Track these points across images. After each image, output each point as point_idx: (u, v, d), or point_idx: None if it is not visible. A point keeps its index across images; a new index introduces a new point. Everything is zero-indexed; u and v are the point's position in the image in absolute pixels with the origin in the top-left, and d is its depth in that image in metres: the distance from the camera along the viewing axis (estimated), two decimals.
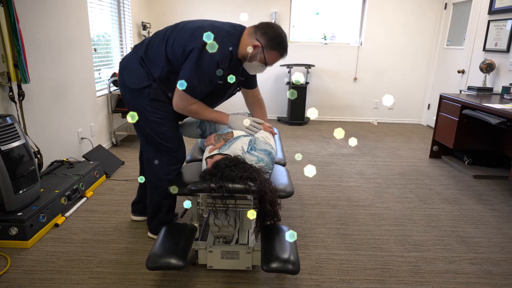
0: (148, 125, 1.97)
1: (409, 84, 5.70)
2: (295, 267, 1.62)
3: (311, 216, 2.62)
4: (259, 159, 1.85)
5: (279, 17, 5.39)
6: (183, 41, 1.83)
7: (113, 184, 3.10)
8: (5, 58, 2.37)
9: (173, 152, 2.04)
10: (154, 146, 2.02)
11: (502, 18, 3.96)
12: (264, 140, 1.95)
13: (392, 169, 3.64)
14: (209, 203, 1.72)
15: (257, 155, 1.86)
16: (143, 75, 1.91)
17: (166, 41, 1.89)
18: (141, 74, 1.91)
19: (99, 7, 3.91)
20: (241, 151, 1.86)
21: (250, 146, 1.89)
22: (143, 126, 1.99)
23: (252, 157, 1.85)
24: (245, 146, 1.88)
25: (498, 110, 2.98)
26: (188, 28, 1.88)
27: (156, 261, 1.63)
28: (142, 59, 1.93)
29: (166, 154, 2.03)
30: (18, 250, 2.11)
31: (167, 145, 2.01)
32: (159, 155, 2.03)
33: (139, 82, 1.91)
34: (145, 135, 2.01)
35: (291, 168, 3.58)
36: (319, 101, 5.79)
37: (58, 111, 3.09)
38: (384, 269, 2.04)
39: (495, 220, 2.64)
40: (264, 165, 1.85)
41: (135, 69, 1.93)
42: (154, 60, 1.90)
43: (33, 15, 2.70)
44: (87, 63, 3.58)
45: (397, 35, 5.48)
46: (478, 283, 1.94)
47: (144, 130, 2.00)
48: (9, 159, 2.11)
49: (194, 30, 1.85)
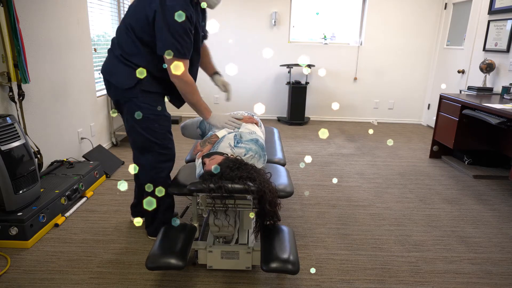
0: (141, 123, 1.98)
1: (409, 84, 5.70)
2: (294, 267, 1.62)
3: (311, 216, 2.62)
4: (247, 149, 1.89)
5: (279, 17, 5.39)
6: (142, 13, 1.82)
7: (113, 184, 3.10)
8: (5, 58, 2.37)
9: (163, 149, 2.05)
10: (145, 146, 2.03)
11: (502, 18, 3.96)
12: (248, 131, 1.99)
13: (392, 169, 3.64)
14: (209, 203, 1.72)
15: (244, 146, 1.90)
16: (131, 72, 1.92)
17: (130, 28, 1.88)
18: (129, 72, 1.92)
19: (99, 7, 3.91)
20: (230, 147, 1.89)
21: (236, 140, 1.93)
22: (135, 126, 2.00)
23: (240, 150, 1.88)
24: (231, 142, 1.92)
25: (498, 110, 2.98)
26: (139, 1, 1.87)
27: (156, 261, 1.63)
28: (121, 56, 1.93)
29: (155, 153, 2.04)
30: (18, 250, 2.11)
31: (157, 142, 2.02)
32: (148, 155, 2.04)
33: (130, 80, 1.92)
34: (136, 136, 2.02)
35: (291, 168, 3.58)
36: (319, 101, 5.79)
37: (58, 111, 3.09)
38: (384, 269, 2.04)
39: (495, 220, 2.64)
40: (254, 153, 1.88)
41: (121, 71, 1.93)
42: (132, 52, 1.90)
43: (33, 15, 2.70)
44: (87, 63, 3.58)
45: (397, 35, 5.48)
46: (478, 283, 1.94)
47: (136, 130, 2.00)
48: (9, 159, 2.11)
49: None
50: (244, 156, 1.86)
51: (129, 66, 1.92)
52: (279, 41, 5.51)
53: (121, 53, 1.93)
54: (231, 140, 1.93)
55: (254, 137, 1.95)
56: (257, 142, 1.93)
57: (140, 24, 1.85)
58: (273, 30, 5.45)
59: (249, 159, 1.87)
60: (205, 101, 5.40)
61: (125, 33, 1.91)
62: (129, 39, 1.90)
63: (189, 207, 2.66)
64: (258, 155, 1.90)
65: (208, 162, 1.80)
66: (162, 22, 1.77)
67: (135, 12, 1.87)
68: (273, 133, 3.00)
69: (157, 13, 1.77)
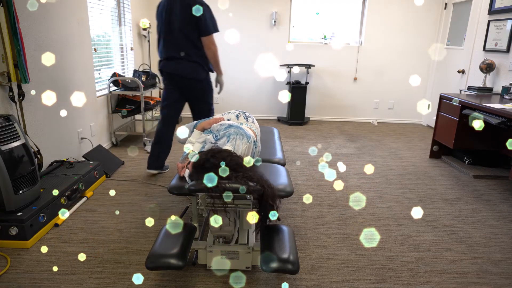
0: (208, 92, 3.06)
1: (409, 84, 5.70)
2: (294, 267, 1.62)
3: (311, 216, 2.62)
4: (227, 135, 2.01)
5: (279, 17, 5.39)
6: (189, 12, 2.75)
7: (113, 184, 3.10)
8: (5, 58, 2.37)
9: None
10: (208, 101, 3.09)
11: (502, 18, 3.96)
12: (219, 124, 2.12)
13: (392, 169, 3.64)
14: (209, 202, 1.72)
15: (222, 134, 2.04)
16: (199, 66, 2.91)
17: (180, 30, 2.80)
18: (197, 67, 2.91)
19: (99, 7, 3.91)
20: (213, 144, 2.01)
21: (214, 134, 2.07)
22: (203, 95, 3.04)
23: (222, 140, 2.00)
24: (212, 140, 2.05)
25: (498, 110, 2.98)
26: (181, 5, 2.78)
27: (155, 261, 1.63)
28: (195, 56, 2.86)
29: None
30: (18, 250, 2.11)
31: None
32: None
33: (201, 72, 2.92)
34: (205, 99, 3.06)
35: (291, 168, 3.58)
36: (319, 101, 5.79)
37: (58, 111, 3.09)
38: (384, 269, 2.04)
39: (495, 220, 2.64)
40: (235, 135, 1.99)
41: (191, 66, 2.88)
42: (194, 50, 2.85)
43: (33, 15, 2.70)
44: (87, 63, 3.58)
45: (397, 35, 5.48)
46: (478, 283, 1.94)
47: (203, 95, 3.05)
48: (9, 159, 2.11)
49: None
50: (228, 142, 1.97)
51: (196, 62, 2.94)
52: (279, 41, 5.51)
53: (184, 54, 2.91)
54: (211, 139, 2.07)
55: (227, 123, 2.10)
56: (231, 126, 2.06)
57: (189, 20, 2.77)
58: (273, 30, 5.45)
59: (234, 142, 1.97)
60: None
61: (178, 33, 2.83)
62: (187, 37, 2.84)
63: (189, 207, 2.66)
64: (239, 135, 2.00)
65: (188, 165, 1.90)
66: (206, 12, 2.77)
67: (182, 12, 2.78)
68: (273, 133, 3.00)
69: (204, 6, 2.75)
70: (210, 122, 2.21)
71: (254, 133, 2.18)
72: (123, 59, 4.62)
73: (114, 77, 3.99)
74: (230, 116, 2.33)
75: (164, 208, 2.69)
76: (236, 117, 2.32)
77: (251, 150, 2.05)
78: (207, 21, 2.77)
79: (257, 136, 2.23)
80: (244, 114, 2.34)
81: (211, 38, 2.82)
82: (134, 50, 4.86)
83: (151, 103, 4.36)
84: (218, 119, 2.24)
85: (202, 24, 2.76)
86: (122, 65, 4.62)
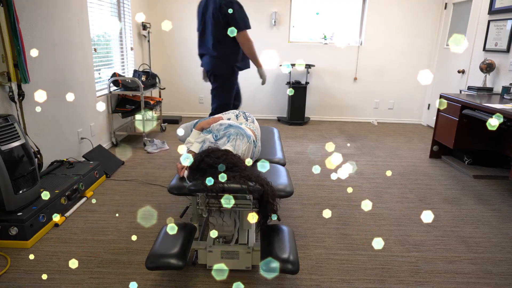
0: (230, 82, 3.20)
1: (409, 84, 5.70)
2: (294, 267, 1.62)
3: (311, 216, 2.62)
4: (228, 135, 2.00)
5: (279, 17, 5.39)
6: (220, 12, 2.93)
7: (113, 184, 3.10)
8: (5, 58, 2.37)
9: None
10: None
11: (502, 18, 3.96)
12: (218, 124, 2.12)
13: (392, 169, 3.64)
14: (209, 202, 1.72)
15: (222, 134, 2.03)
16: (222, 63, 3.10)
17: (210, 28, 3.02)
18: (219, 63, 3.10)
19: (99, 7, 3.91)
20: (212, 144, 2.01)
21: (214, 134, 2.06)
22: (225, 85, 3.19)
23: (222, 140, 1.99)
24: (211, 139, 2.04)
25: (498, 110, 2.98)
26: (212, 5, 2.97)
27: (155, 261, 1.63)
28: (216, 52, 3.06)
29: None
30: (18, 250, 2.11)
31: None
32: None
33: (223, 68, 3.11)
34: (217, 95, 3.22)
35: (291, 168, 3.58)
36: (319, 101, 5.79)
37: (58, 111, 3.09)
38: (384, 269, 2.04)
39: (495, 220, 2.64)
40: (235, 135, 1.98)
41: (213, 61, 3.10)
42: (218, 46, 3.04)
43: (33, 15, 2.70)
44: (87, 63, 3.58)
45: (397, 35, 5.48)
46: (478, 283, 1.94)
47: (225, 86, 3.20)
48: (9, 159, 2.11)
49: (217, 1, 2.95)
50: (228, 142, 1.96)
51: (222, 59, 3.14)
52: (279, 41, 5.51)
53: (215, 54, 3.12)
54: (210, 139, 2.06)
55: (225, 124, 2.09)
56: (231, 126, 2.06)
57: (220, 18, 2.96)
58: (273, 30, 5.45)
59: (234, 142, 1.96)
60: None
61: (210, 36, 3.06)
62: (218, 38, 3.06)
63: (189, 207, 2.66)
64: (239, 135, 1.99)
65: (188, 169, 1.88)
66: (237, 10, 2.95)
67: (214, 12, 2.96)
68: (273, 133, 3.00)
69: (234, 4, 2.94)
70: (209, 121, 2.20)
71: (253, 133, 2.18)
72: (123, 59, 4.62)
73: (114, 77, 3.99)
74: (230, 116, 2.33)
75: (164, 208, 2.69)
76: (236, 117, 2.32)
77: (251, 150, 2.05)
78: (237, 20, 2.94)
79: (256, 136, 2.23)
80: (244, 114, 2.34)
81: (243, 35, 3.00)
82: (134, 50, 4.86)
83: (151, 103, 4.36)
84: (217, 118, 2.23)
85: (233, 22, 2.94)
86: (122, 65, 4.62)
